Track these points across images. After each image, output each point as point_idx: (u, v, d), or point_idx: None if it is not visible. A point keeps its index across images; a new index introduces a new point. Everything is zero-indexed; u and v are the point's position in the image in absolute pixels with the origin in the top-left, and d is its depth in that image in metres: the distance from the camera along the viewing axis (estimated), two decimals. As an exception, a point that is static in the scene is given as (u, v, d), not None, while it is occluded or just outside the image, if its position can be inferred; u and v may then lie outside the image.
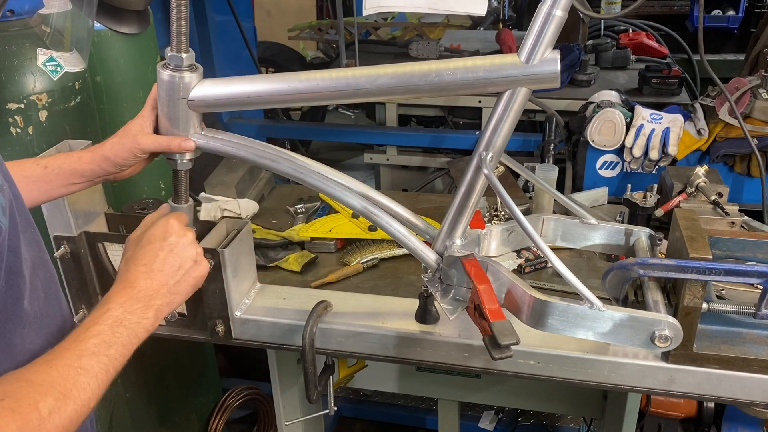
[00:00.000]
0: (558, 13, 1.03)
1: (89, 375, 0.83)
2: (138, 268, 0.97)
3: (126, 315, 0.91)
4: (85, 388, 0.82)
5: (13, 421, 0.74)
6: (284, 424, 1.85)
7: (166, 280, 0.98)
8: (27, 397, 0.77)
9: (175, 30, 1.09)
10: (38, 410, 0.76)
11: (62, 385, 0.80)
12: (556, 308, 1.11)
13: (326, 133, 3.32)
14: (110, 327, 0.89)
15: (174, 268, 1.00)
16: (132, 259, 0.99)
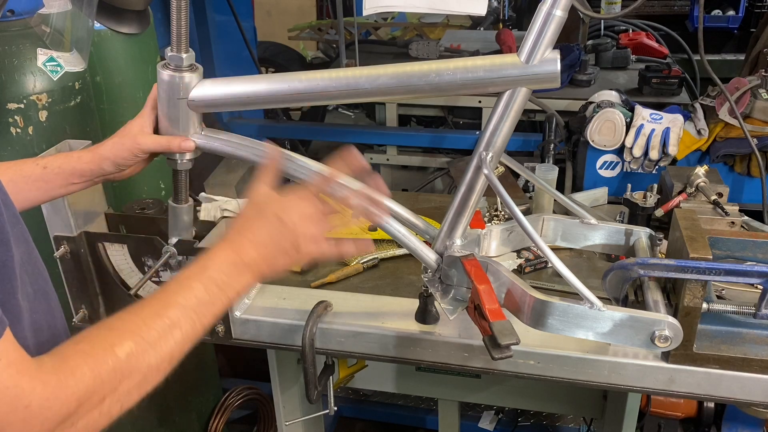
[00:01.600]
0: (558, 13, 1.03)
1: (174, 326, 0.84)
2: (246, 235, 0.98)
3: (222, 276, 0.92)
4: (167, 339, 0.82)
5: (85, 362, 0.74)
6: (284, 424, 1.85)
7: (269, 255, 0.98)
8: (104, 341, 0.78)
9: (175, 30, 1.09)
10: (114, 353, 0.76)
11: (144, 331, 0.80)
12: (556, 308, 1.11)
13: (326, 133, 3.32)
14: (204, 284, 0.90)
15: (278, 248, 0.99)
16: (246, 224, 0.99)
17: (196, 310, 0.87)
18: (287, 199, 1.02)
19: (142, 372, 0.80)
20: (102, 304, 1.49)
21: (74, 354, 0.75)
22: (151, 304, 0.85)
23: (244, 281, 0.95)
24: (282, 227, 0.99)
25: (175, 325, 0.84)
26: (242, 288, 0.96)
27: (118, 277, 1.46)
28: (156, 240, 1.38)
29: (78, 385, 0.73)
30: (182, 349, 0.86)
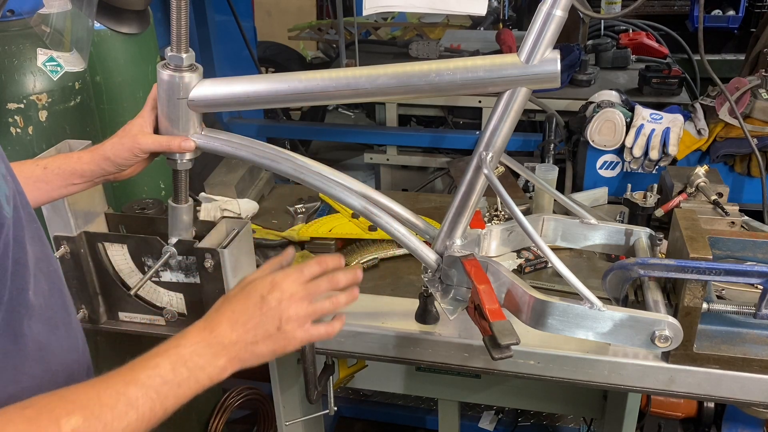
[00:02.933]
0: (558, 13, 1.03)
1: (130, 405, 0.77)
2: (225, 313, 0.92)
3: (193, 356, 0.86)
4: (121, 417, 0.76)
5: (28, 430, 0.70)
6: (284, 424, 1.85)
7: (247, 336, 0.91)
8: (51, 411, 0.72)
9: (175, 30, 1.09)
10: (59, 426, 0.71)
11: (96, 407, 0.75)
12: (556, 308, 1.11)
13: (326, 133, 3.33)
14: (172, 363, 0.83)
15: (258, 328, 0.92)
16: (226, 302, 0.94)
17: (158, 391, 0.80)
18: (274, 276, 0.96)
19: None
20: (102, 304, 1.49)
21: (19, 418, 0.70)
22: (111, 379, 0.79)
23: (218, 365, 0.88)
24: (265, 307, 0.93)
25: (132, 405, 0.77)
26: (215, 372, 0.88)
27: (118, 277, 1.46)
28: (156, 240, 1.38)
29: None
30: (135, 430, 0.78)
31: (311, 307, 0.97)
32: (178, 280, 1.42)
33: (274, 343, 0.93)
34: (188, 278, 1.41)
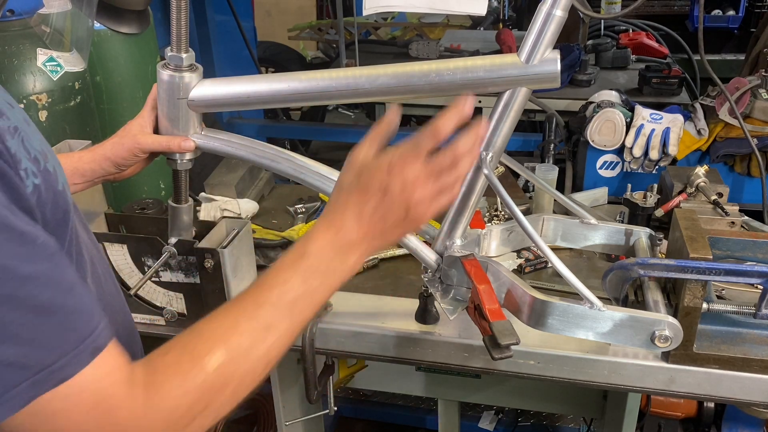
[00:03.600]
0: (558, 13, 1.03)
1: (269, 328, 0.77)
2: (348, 209, 0.86)
3: (322, 263, 0.83)
4: (261, 343, 0.76)
5: (174, 377, 0.70)
6: (284, 424, 1.85)
7: (375, 227, 0.86)
8: (192, 352, 0.73)
9: (175, 30, 1.09)
10: (203, 367, 0.72)
11: (235, 338, 0.75)
12: (556, 308, 1.11)
13: (326, 133, 3.33)
14: (302, 276, 0.81)
15: (386, 217, 0.86)
16: (345, 194, 0.87)
17: (292, 308, 0.80)
18: (391, 165, 0.86)
19: (235, 382, 0.74)
20: (102, 304, 1.49)
21: (162, 366, 0.71)
22: (243, 305, 0.78)
23: (350, 263, 0.85)
24: (388, 196, 0.85)
25: (269, 327, 0.77)
26: (348, 271, 0.85)
27: (118, 277, 1.46)
28: (156, 240, 1.38)
29: (165, 403, 0.69)
30: (279, 351, 0.79)
31: (436, 184, 0.88)
32: (178, 280, 1.42)
33: (403, 228, 0.89)
34: (188, 278, 1.41)
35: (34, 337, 0.60)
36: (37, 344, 0.61)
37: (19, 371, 0.60)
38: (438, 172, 0.88)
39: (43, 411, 0.63)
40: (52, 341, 0.62)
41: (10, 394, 0.60)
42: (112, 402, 0.66)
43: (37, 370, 0.61)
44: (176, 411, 0.70)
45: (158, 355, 0.73)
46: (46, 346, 0.61)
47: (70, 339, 0.63)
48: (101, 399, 0.66)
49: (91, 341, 0.65)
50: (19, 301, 0.59)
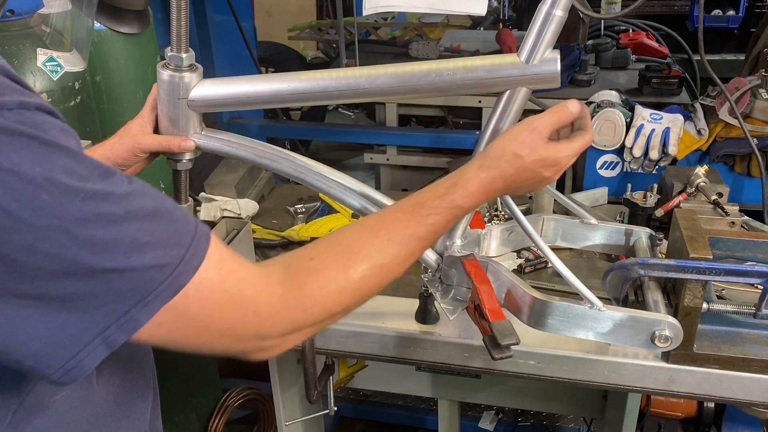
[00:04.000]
0: (558, 13, 1.03)
1: (410, 256, 0.89)
2: (506, 179, 0.98)
3: (464, 204, 0.95)
4: (400, 264, 0.87)
5: (316, 280, 0.78)
6: (284, 424, 1.85)
7: (512, 191, 1.02)
8: (339, 261, 0.81)
9: (175, 30, 1.09)
10: (348, 275, 0.80)
11: (381, 256, 0.84)
12: (556, 308, 1.11)
13: (326, 133, 3.32)
14: (447, 221, 0.93)
15: (523, 188, 1.02)
16: (511, 166, 0.97)
17: (428, 235, 0.91)
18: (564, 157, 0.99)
19: (370, 292, 0.84)
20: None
21: (305, 270, 0.78)
22: (393, 229, 0.88)
23: (483, 199, 0.99)
24: (544, 181, 1.00)
25: (410, 255, 0.89)
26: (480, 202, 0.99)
27: (118, 277, 1.46)
28: (156, 240, 1.37)
29: (305, 300, 0.77)
30: (410, 264, 0.90)
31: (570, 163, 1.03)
32: (178, 280, 1.42)
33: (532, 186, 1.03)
34: (188, 278, 1.41)
35: (160, 239, 0.66)
36: (164, 244, 0.66)
37: (160, 270, 0.66)
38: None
39: (185, 304, 0.68)
40: (175, 237, 0.68)
41: (158, 290, 0.65)
42: (242, 297, 0.73)
43: (175, 265, 0.66)
44: (314, 308, 0.78)
45: (301, 259, 0.81)
46: (173, 243, 0.67)
47: (187, 231, 0.69)
48: (234, 282, 0.72)
49: (200, 230, 0.71)
50: (134, 214, 0.64)
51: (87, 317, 0.63)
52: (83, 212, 0.61)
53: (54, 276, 0.60)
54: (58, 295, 0.61)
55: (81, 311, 0.62)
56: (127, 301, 0.64)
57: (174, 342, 0.71)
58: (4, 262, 0.58)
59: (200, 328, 0.71)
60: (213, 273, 0.70)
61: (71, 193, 0.60)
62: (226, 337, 0.73)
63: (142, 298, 0.65)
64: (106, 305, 0.63)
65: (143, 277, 0.64)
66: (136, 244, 0.64)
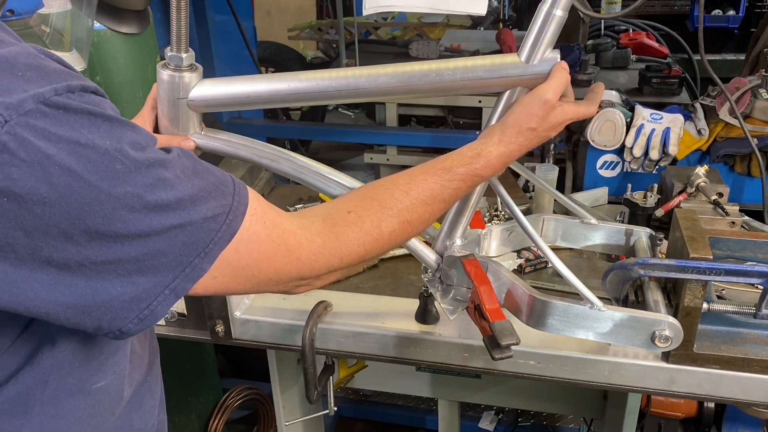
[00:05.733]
0: (558, 13, 1.03)
1: (432, 216, 0.99)
2: (522, 152, 1.07)
3: (485, 173, 1.04)
4: (424, 222, 0.97)
5: (351, 231, 0.87)
6: (284, 425, 1.85)
7: (527, 150, 1.10)
8: (373, 216, 0.90)
9: (175, 30, 1.09)
10: (380, 229, 0.90)
11: (409, 214, 0.94)
12: (556, 308, 1.11)
13: (326, 133, 3.32)
14: (467, 186, 1.03)
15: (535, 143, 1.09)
16: (529, 143, 1.07)
17: (456, 191, 1.01)
18: (560, 122, 1.11)
19: (395, 243, 0.94)
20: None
21: (343, 222, 0.87)
22: (421, 188, 0.97)
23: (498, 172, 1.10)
24: (546, 137, 1.09)
25: (433, 214, 0.98)
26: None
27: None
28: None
29: (342, 248, 0.86)
30: (428, 225, 1.00)
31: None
32: (178, 280, 1.42)
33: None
34: (188, 278, 1.41)
35: (209, 192, 0.72)
36: (214, 196, 0.73)
37: (215, 220, 0.72)
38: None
39: (236, 258, 0.75)
40: (220, 189, 0.74)
41: (216, 238, 0.72)
42: (287, 247, 0.81)
43: (226, 213, 0.73)
44: (350, 256, 0.87)
45: (340, 209, 0.90)
46: (220, 194, 0.74)
47: (227, 182, 0.76)
48: (278, 233, 0.80)
49: (237, 182, 0.78)
50: (184, 174, 0.70)
51: (158, 273, 0.69)
52: (149, 178, 0.66)
53: (129, 239, 0.66)
54: (133, 257, 0.67)
55: (152, 269, 0.68)
56: (191, 253, 0.70)
57: (226, 290, 0.78)
58: (88, 233, 0.63)
59: (250, 276, 0.78)
60: (259, 227, 0.77)
61: (138, 162, 0.66)
62: (272, 281, 0.81)
63: (204, 247, 0.71)
64: (174, 259, 0.69)
65: (202, 228, 0.71)
66: (193, 200, 0.70)
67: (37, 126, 0.60)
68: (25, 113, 0.59)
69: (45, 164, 0.60)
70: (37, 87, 0.61)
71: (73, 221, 0.62)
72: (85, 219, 0.62)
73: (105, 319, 0.68)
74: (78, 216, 0.62)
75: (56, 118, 0.61)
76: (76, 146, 0.62)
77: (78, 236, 0.63)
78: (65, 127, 0.61)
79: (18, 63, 0.62)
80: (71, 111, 0.62)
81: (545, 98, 1.04)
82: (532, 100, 1.05)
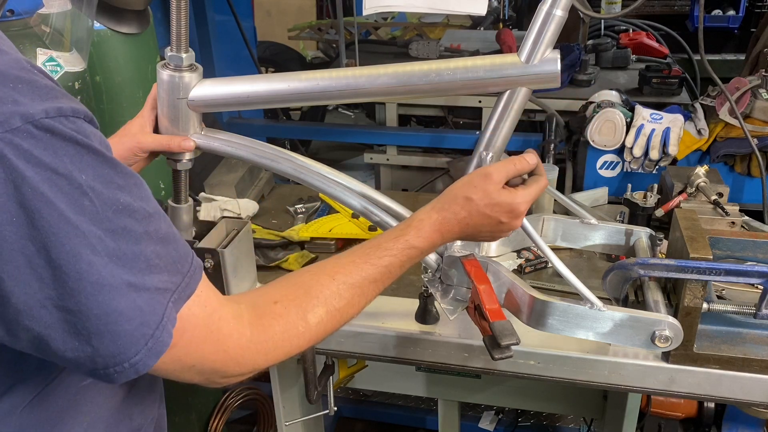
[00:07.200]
0: (558, 13, 1.03)
1: (363, 297, 0.92)
2: (461, 223, 1.01)
3: (419, 244, 0.98)
4: (354, 306, 0.91)
5: (278, 323, 0.82)
6: (284, 425, 1.84)
7: (469, 235, 1.05)
8: (299, 307, 0.85)
9: (175, 30, 1.09)
10: (306, 320, 0.84)
11: (335, 300, 0.88)
12: (556, 308, 1.11)
13: (326, 133, 3.32)
14: (401, 263, 0.96)
15: (484, 231, 1.04)
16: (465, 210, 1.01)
17: (385, 282, 0.95)
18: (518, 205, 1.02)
19: (325, 334, 0.88)
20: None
21: (270, 313, 0.82)
22: (350, 273, 0.91)
23: (438, 242, 1.02)
24: (501, 227, 1.03)
25: (365, 296, 0.92)
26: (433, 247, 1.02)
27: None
28: (156, 240, 1.37)
29: (268, 343, 0.81)
30: (364, 307, 0.93)
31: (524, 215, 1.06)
32: (178, 280, 1.42)
33: (491, 238, 1.07)
34: (188, 278, 1.41)
35: (166, 264, 0.69)
36: (169, 270, 0.70)
37: (164, 294, 0.69)
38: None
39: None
40: (176, 265, 0.71)
41: (166, 315, 0.69)
42: (219, 336, 0.76)
43: (173, 291, 0.70)
44: (275, 351, 0.82)
45: (266, 302, 0.84)
46: (175, 270, 0.71)
47: (186, 260, 0.73)
48: (214, 321, 0.76)
49: (195, 262, 0.75)
50: (150, 236, 0.68)
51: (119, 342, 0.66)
52: (113, 223, 0.64)
53: (93, 289, 0.63)
54: (95, 313, 0.64)
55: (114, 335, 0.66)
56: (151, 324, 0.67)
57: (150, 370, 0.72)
58: (52, 267, 0.61)
59: (175, 359, 0.73)
60: (199, 309, 0.74)
61: (106, 203, 0.64)
62: (193, 369, 0.76)
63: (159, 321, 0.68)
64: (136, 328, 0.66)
65: (154, 298, 0.68)
66: (149, 264, 0.67)
67: (20, 146, 0.59)
68: (11, 130, 0.59)
69: (19, 184, 0.59)
70: (27, 103, 0.60)
71: (39, 249, 0.60)
72: (50, 249, 0.61)
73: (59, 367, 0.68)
74: (43, 244, 0.61)
75: (42, 141, 0.60)
76: (53, 174, 0.60)
77: (42, 269, 0.61)
78: (48, 152, 0.60)
79: (9, 74, 0.62)
80: (58, 137, 0.61)
81: (486, 172, 1.02)
82: (474, 172, 1.04)
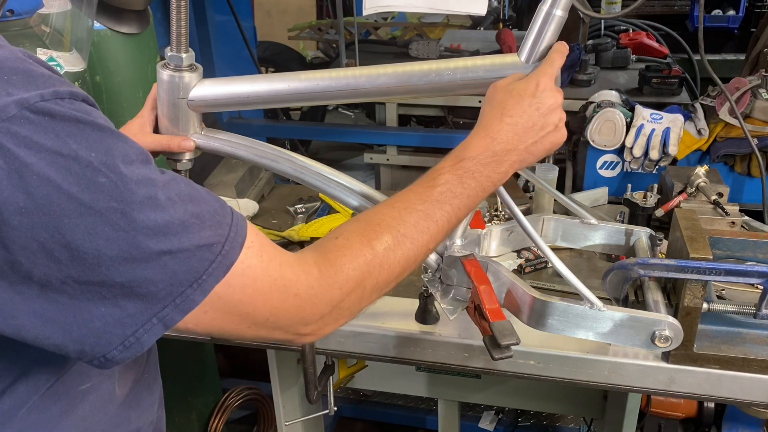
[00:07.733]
0: (558, 12, 1.03)
1: (430, 220, 0.88)
2: (504, 119, 0.94)
3: (478, 167, 0.92)
4: (424, 231, 0.87)
5: (344, 255, 0.80)
6: (284, 425, 1.85)
7: (528, 138, 0.95)
8: (361, 235, 0.83)
9: (175, 30, 1.09)
10: (372, 246, 0.82)
11: (401, 226, 0.85)
12: (556, 308, 1.11)
13: (326, 133, 3.32)
14: (459, 178, 0.91)
15: (537, 128, 0.96)
16: (500, 109, 0.95)
17: (451, 204, 0.90)
18: (537, 79, 0.97)
19: (400, 263, 0.85)
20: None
21: (334, 248, 0.81)
22: (407, 199, 0.89)
23: (502, 171, 0.94)
24: (542, 108, 0.97)
25: (431, 218, 0.88)
26: (499, 178, 0.95)
27: (118, 277, 1.46)
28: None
29: (338, 276, 0.79)
30: (438, 240, 0.90)
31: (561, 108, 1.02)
32: (178, 280, 1.42)
33: (551, 142, 0.99)
34: (188, 278, 1.41)
35: (203, 219, 0.68)
36: (209, 224, 0.68)
37: (210, 249, 0.68)
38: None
39: (229, 292, 0.70)
40: (216, 218, 0.70)
41: (211, 269, 0.67)
42: (284, 282, 0.74)
43: (222, 243, 0.69)
44: (348, 283, 0.80)
45: (328, 240, 0.83)
46: (216, 223, 0.69)
47: (225, 212, 0.72)
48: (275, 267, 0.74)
49: (236, 213, 0.73)
50: (176, 198, 0.66)
51: (146, 300, 0.65)
52: (137, 195, 0.63)
53: (114, 262, 0.62)
54: (119, 281, 0.63)
55: (140, 296, 0.64)
56: (183, 283, 0.66)
57: (220, 330, 0.73)
58: (69, 249, 0.60)
59: (244, 315, 0.72)
60: (255, 260, 0.72)
61: (126, 177, 0.62)
62: (269, 323, 0.75)
63: (197, 278, 0.67)
64: (163, 288, 0.65)
65: (195, 256, 0.66)
66: (185, 226, 0.66)
67: (19, 133, 0.58)
68: (8, 119, 0.58)
69: (23, 173, 0.57)
70: (22, 92, 0.59)
71: (52, 234, 0.59)
72: (65, 233, 0.59)
73: (87, 343, 0.65)
74: (57, 228, 0.59)
75: (40, 125, 0.59)
76: (58, 157, 0.59)
77: (58, 252, 0.60)
78: (49, 135, 0.59)
79: (4, 66, 0.61)
80: (58, 118, 0.60)
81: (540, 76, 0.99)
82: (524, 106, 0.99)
